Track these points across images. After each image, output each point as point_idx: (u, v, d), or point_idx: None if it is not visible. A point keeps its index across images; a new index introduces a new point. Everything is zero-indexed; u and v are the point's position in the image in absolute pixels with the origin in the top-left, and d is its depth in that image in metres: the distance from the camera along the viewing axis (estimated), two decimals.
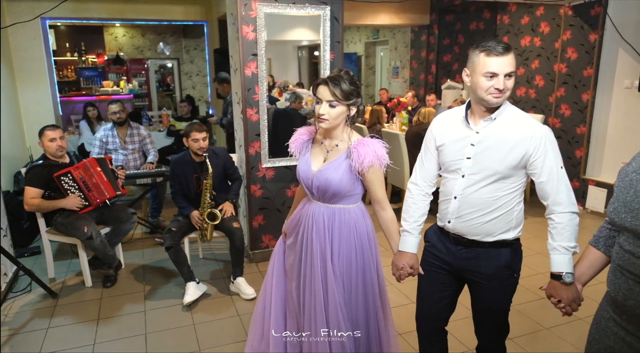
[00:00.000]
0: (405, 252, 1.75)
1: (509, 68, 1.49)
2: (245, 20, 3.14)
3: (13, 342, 2.58)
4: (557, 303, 1.52)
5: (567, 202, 1.53)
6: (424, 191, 1.76)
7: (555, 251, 1.54)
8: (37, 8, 5.05)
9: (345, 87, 1.69)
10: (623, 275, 1.21)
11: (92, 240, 3.04)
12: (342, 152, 1.77)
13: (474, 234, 1.62)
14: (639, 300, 1.17)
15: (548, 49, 4.99)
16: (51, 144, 3.08)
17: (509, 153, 1.54)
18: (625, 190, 1.22)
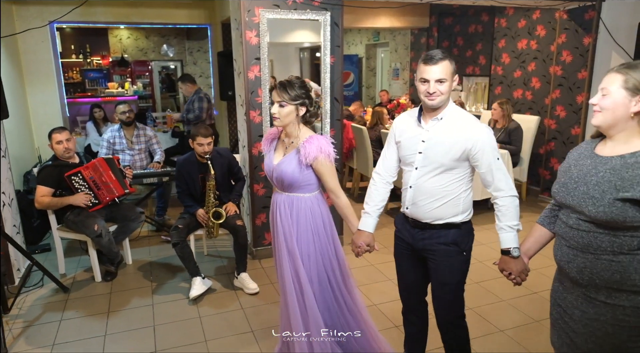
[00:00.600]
0: (364, 231, 2.01)
1: (439, 75, 1.71)
2: (249, 26, 3.27)
3: (28, 333, 2.71)
4: (508, 275, 1.74)
5: (506, 188, 1.77)
6: (385, 180, 2.01)
7: (502, 230, 1.77)
8: (46, 12, 5.19)
9: (293, 90, 1.97)
10: (561, 243, 1.47)
11: (101, 237, 3.17)
12: (295, 148, 2.03)
13: (427, 218, 1.85)
14: (571, 262, 1.42)
15: (544, 52, 5.10)
16: (58, 146, 3.21)
17: (452, 148, 1.76)
18: (563, 173, 1.49)
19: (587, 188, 1.36)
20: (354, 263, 3.49)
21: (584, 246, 1.38)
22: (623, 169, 1.31)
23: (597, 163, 1.39)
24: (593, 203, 1.33)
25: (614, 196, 1.29)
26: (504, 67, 5.71)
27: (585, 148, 1.50)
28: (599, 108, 1.36)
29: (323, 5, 3.42)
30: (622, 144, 1.36)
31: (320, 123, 3.69)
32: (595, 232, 1.35)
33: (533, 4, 4.54)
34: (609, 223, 1.31)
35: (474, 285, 3.18)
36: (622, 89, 1.32)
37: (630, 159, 1.31)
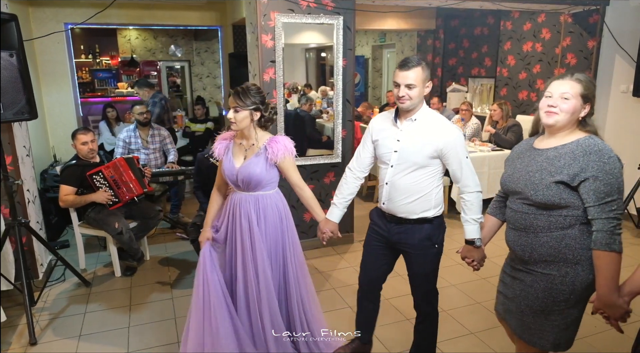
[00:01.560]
0: (330, 220, 2.20)
1: (408, 81, 1.85)
2: (265, 29, 3.38)
3: (55, 325, 2.83)
4: (470, 262, 1.96)
5: (473, 184, 1.94)
6: (356, 176, 2.17)
7: (467, 222, 1.94)
8: (61, 14, 5.31)
9: (247, 97, 2.06)
10: (509, 227, 1.74)
11: (122, 235, 3.28)
12: (258, 149, 2.15)
13: (402, 212, 2.00)
14: (516, 242, 1.69)
15: (549, 55, 5.20)
16: (83, 147, 3.33)
17: (425, 147, 1.91)
18: (509, 166, 1.75)
19: (529, 175, 1.61)
20: None
21: (526, 227, 1.64)
22: (556, 159, 1.57)
23: (536, 154, 1.65)
24: (534, 187, 1.58)
25: (550, 181, 1.55)
26: (509, 69, 5.82)
27: (526, 144, 1.76)
28: (558, 110, 1.55)
29: (336, 9, 3.53)
30: (559, 139, 1.61)
31: (332, 124, 3.80)
32: (535, 214, 1.61)
33: (538, 7, 4.65)
34: (546, 204, 1.57)
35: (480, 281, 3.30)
36: (579, 97, 1.55)
37: (561, 150, 1.57)
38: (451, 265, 3.54)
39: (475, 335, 2.68)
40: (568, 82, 1.56)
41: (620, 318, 1.50)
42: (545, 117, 1.58)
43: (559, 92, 1.56)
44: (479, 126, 5.29)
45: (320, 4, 3.48)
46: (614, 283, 1.49)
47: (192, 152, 5.62)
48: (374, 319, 2.36)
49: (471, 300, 3.08)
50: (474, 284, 3.28)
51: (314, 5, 3.47)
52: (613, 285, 1.48)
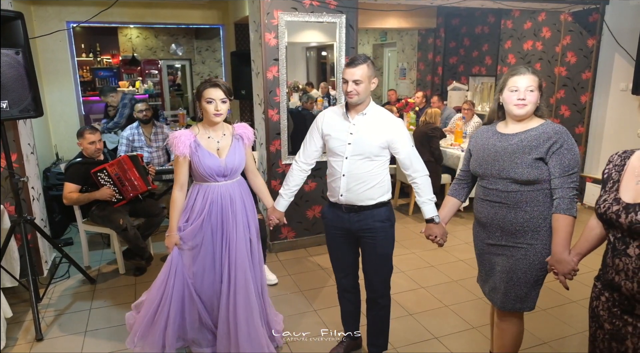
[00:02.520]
0: (277, 209, 2.33)
1: (355, 77, 1.98)
2: (268, 28, 3.40)
3: (60, 321, 2.85)
4: (434, 239, 2.11)
5: (421, 169, 2.12)
6: (301, 168, 2.28)
7: (424, 203, 2.11)
8: (64, 12, 5.34)
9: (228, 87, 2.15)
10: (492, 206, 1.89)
11: (127, 231, 3.30)
12: (231, 137, 2.25)
13: (361, 200, 2.11)
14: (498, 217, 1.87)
15: (549, 53, 5.23)
16: (91, 146, 3.34)
17: (375, 139, 2.05)
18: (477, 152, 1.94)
19: (509, 157, 1.81)
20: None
21: (516, 203, 1.82)
22: (527, 139, 1.79)
23: (506, 139, 1.84)
24: (519, 167, 1.79)
25: (530, 158, 1.77)
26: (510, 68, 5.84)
27: (488, 131, 1.95)
28: (527, 102, 1.77)
29: (339, 8, 3.55)
30: (522, 124, 1.83)
31: None
32: (522, 191, 1.81)
33: (539, 6, 4.67)
34: (530, 181, 1.78)
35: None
36: (538, 88, 1.79)
37: (533, 132, 1.80)
38: (453, 262, 3.57)
39: (477, 329, 2.71)
40: (530, 77, 1.78)
41: (567, 273, 1.70)
42: (517, 109, 1.79)
43: (524, 86, 1.77)
44: (480, 124, 5.32)
45: (324, 2, 3.50)
46: (567, 243, 1.72)
47: None
48: (358, 311, 2.42)
49: (472, 295, 3.11)
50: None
51: (317, 3, 3.49)
52: (566, 244, 1.72)
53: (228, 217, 2.23)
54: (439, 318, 2.85)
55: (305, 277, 3.41)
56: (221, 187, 2.23)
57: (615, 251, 1.38)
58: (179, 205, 2.25)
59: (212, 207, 2.22)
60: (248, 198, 2.33)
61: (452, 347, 2.55)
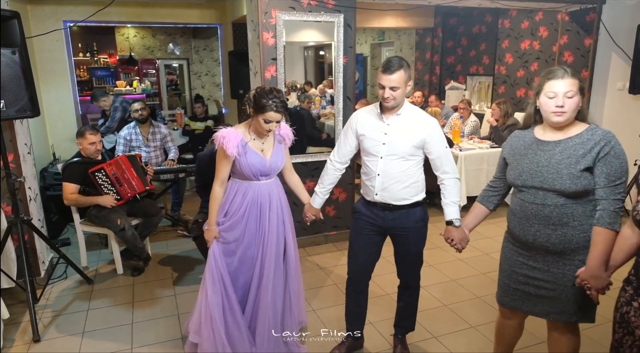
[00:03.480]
0: (313, 206, 2.41)
1: (392, 83, 1.97)
2: (266, 27, 3.39)
3: (58, 322, 2.84)
4: (451, 242, 2.06)
5: (452, 171, 2.11)
6: (336, 167, 2.33)
7: (447, 205, 2.10)
8: (60, 11, 5.31)
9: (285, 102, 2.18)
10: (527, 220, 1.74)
11: (125, 231, 3.29)
12: (272, 139, 2.31)
13: (397, 199, 2.13)
14: (542, 236, 1.71)
15: (546, 52, 5.24)
16: (91, 147, 3.33)
17: (412, 139, 2.07)
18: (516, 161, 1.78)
19: (554, 167, 1.66)
20: None
21: (562, 219, 1.66)
22: (572, 148, 1.65)
23: (548, 147, 1.70)
24: (567, 178, 1.63)
25: (578, 169, 1.61)
26: (507, 67, 5.85)
27: (526, 137, 1.80)
28: (567, 109, 1.62)
29: (337, 7, 3.55)
30: (564, 130, 1.69)
31: (332, 121, 3.82)
32: (569, 204, 1.65)
33: (536, 5, 4.67)
34: (577, 193, 1.63)
35: (480, 276, 3.33)
36: (579, 91, 1.64)
37: (577, 140, 1.66)
38: (452, 261, 3.57)
39: (476, 328, 2.72)
40: (568, 81, 1.62)
41: (602, 289, 1.60)
42: (555, 117, 1.64)
43: (563, 92, 1.62)
44: (477, 123, 5.32)
45: (322, 2, 3.50)
46: (605, 258, 1.59)
47: (192, 150, 5.62)
48: (364, 311, 2.43)
49: (471, 294, 3.11)
50: (474, 279, 3.32)
51: (315, 3, 3.48)
52: (604, 259, 1.59)
53: (265, 215, 2.29)
54: (437, 317, 2.86)
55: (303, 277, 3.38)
56: (261, 186, 2.28)
57: None
58: (219, 200, 2.30)
59: (252, 205, 2.27)
60: (283, 197, 2.39)
61: (451, 347, 2.55)
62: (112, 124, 5.03)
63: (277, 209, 2.32)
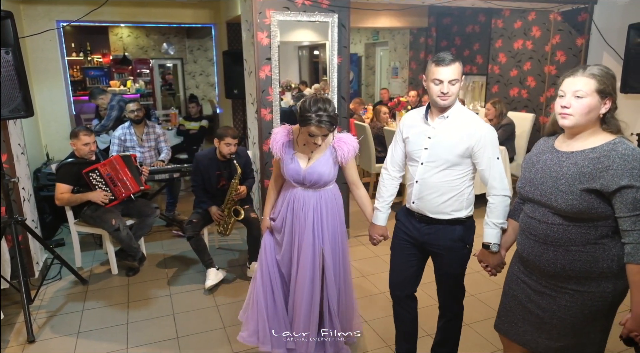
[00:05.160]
0: (377, 225, 2.17)
1: (452, 76, 1.79)
2: (260, 27, 3.40)
3: (52, 323, 2.83)
4: (485, 267, 1.88)
5: (499, 187, 1.84)
6: (392, 176, 2.11)
7: (487, 226, 1.86)
8: (53, 11, 5.28)
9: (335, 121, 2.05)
10: (528, 238, 1.58)
11: (119, 231, 3.29)
12: (325, 149, 2.16)
13: (433, 212, 1.93)
14: (542, 256, 1.52)
15: (539, 52, 5.28)
16: (84, 147, 3.32)
17: (456, 145, 1.85)
18: (527, 169, 1.61)
19: (554, 181, 1.46)
20: (361, 254, 3.66)
21: (555, 240, 1.47)
22: (584, 163, 1.42)
23: (560, 158, 1.49)
24: (562, 196, 1.43)
25: (579, 188, 1.40)
26: (501, 67, 5.89)
27: (544, 144, 1.60)
28: (572, 111, 1.42)
29: (331, 7, 3.56)
30: (582, 140, 1.46)
31: None
32: (564, 225, 1.45)
33: (528, 5, 4.71)
34: (576, 214, 1.42)
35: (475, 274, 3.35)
36: (595, 93, 1.40)
37: (591, 154, 1.42)
38: None
39: (470, 326, 2.74)
40: (581, 79, 1.41)
41: None
42: (560, 119, 1.45)
43: (571, 91, 1.42)
44: None
45: (316, 1, 3.51)
46: None
47: (187, 150, 5.62)
48: (412, 330, 2.24)
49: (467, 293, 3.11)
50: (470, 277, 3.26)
51: (309, 3, 3.49)
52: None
53: (297, 225, 2.21)
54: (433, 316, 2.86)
55: None
56: (299, 193, 2.20)
57: None
58: (270, 196, 2.38)
59: (288, 210, 2.23)
60: (331, 211, 2.22)
61: None
62: (107, 123, 5.01)
63: (316, 221, 2.19)
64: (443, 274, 2.05)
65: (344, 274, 2.35)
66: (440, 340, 2.23)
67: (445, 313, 2.17)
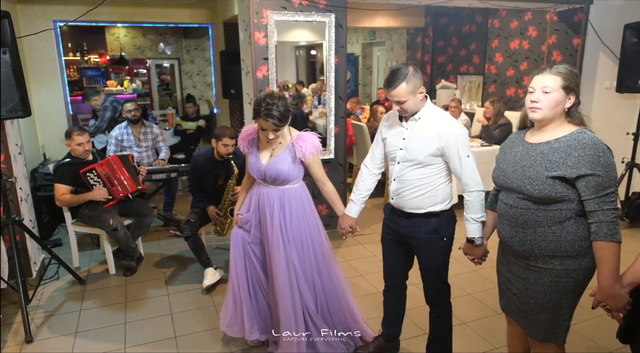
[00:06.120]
0: (348, 216, 2.26)
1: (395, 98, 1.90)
2: (257, 27, 3.41)
3: (50, 323, 2.83)
4: (472, 259, 1.99)
5: (472, 183, 1.94)
6: (371, 172, 2.23)
7: (468, 221, 1.96)
8: (50, 11, 5.28)
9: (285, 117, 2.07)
10: (503, 222, 1.73)
11: (117, 231, 3.29)
12: (285, 146, 2.21)
13: (409, 207, 2.05)
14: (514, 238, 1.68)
15: (535, 52, 5.30)
16: (78, 147, 3.32)
17: (427, 146, 1.95)
18: (501, 161, 1.75)
19: (524, 170, 1.61)
20: (358, 254, 3.68)
21: (524, 222, 1.63)
22: (550, 153, 1.57)
23: (528, 149, 1.64)
24: (530, 182, 1.58)
25: (545, 175, 1.55)
26: (497, 66, 5.92)
27: (516, 137, 1.75)
28: (541, 105, 1.56)
29: (328, 7, 3.57)
30: (549, 132, 1.61)
31: (324, 121, 3.85)
32: (531, 208, 1.60)
33: (525, 5, 4.74)
34: (543, 199, 1.57)
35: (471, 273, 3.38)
36: (561, 89, 1.55)
37: (555, 144, 1.57)
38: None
39: (467, 324, 2.75)
40: (548, 76, 1.56)
41: (622, 309, 1.47)
42: (530, 113, 1.60)
43: (540, 87, 1.57)
44: (468, 122, 5.37)
45: (313, 1, 3.52)
46: (617, 274, 1.47)
47: (184, 150, 5.62)
48: (397, 316, 2.38)
49: (462, 291, 3.15)
50: (465, 276, 3.35)
51: (306, 3, 3.50)
52: (616, 276, 1.47)
53: (267, 222, 2.25)
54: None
55: None
56: (267, 191, 2.26)
57: None
58: (241, 194, 2.46)
59: (254, 206, 2.31)
60: (291, 210, 2.24)
61: None
62: (101, 124, 5.00)
63: (282, 221, 2.22)
64: (424, 268, 2.14)
65: (324, 274, 2.35)
66: (432, 337, 2.30)
67: (434, 309, 2.24)
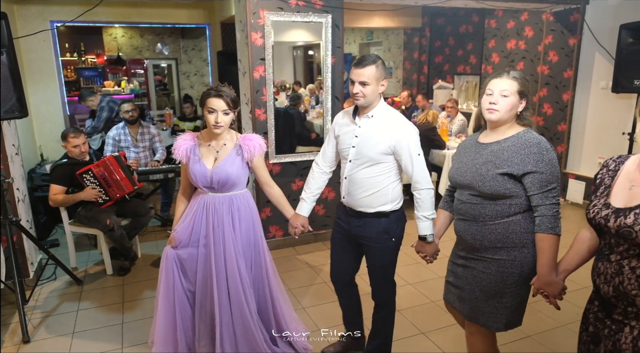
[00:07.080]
0: (300, 215, 2.23)
1: (361, 78, 1.89)
2: (254, 28, 3.41)
3: (47, 323, 2.83)
4: (424, 257, 2.04)
5: (423, 181, 1.97)
6: (322, 170, 2.23)
7: (419, 219, 1.99)
8: (47, 11, 5.27)
9: (236, 99, 2.04)
10: (458, 218, 1.84)
11: (114, 231, 3.29)
12: (231, 149, 2.12)
13: (359, 206, 2.05)
14: (467, 231, 1.77)
15: (532, 52, 5.32)
16: (75, 149, 3.32)
17: (379, 144, 1.96)
18: (456, 159, 1.87)
19: (476, 168, 1.71)
20: None
21: (475, 217, 1.74)
22: (500, 151, 1.68)
23: (480, 148, 1.75)
24: (481, 179, 1.68)
25: (495, 172, 1.66)
26: (494, 66, 5.93)
27: (471, 139, 1.86)
28: (499, 107, 1.66)
29: (325, 8, 3.58)
30: (500, 133, 1.72)
31: (321, 121, 3.86)
32: (482, 203, 1.71)
33: (521, 6, 4.75)
34: (492, 195, 1.67)
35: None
36: (517, 93, 1.67)
37: (504, 144, 1.69)
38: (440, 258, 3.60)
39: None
40: (506, 81, 1.66)
41: (558, 295, 1.61)
42: (488, 113, 1.68)
43: (498, 90, 1.66)
44: (464, 122, 5.39)
45: (309, 2, 3.53)
46: (554, 263, 1.61)
47: None
48: (355, 314, 2.38)
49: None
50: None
51: (303, 3, 3.51)
52: (553, 265, 1.61)
53: (216, 233, 2.12)
54: (426, 314, 2.90)
55: (293, 275, 3.44)
56: (207, 199, 2.13)
57: (600, 255, 1.38)
58: (179, 208, 2.27)
59: (199, 219, 2.14)
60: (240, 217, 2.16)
61: (439, 342, 2.60)
62: (98, 125, 5.00)
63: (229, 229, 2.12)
64: (371, 264, 2.15)
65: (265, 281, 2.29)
66: (373, 332, 2.31)
67: (378, 303, 2.25)
